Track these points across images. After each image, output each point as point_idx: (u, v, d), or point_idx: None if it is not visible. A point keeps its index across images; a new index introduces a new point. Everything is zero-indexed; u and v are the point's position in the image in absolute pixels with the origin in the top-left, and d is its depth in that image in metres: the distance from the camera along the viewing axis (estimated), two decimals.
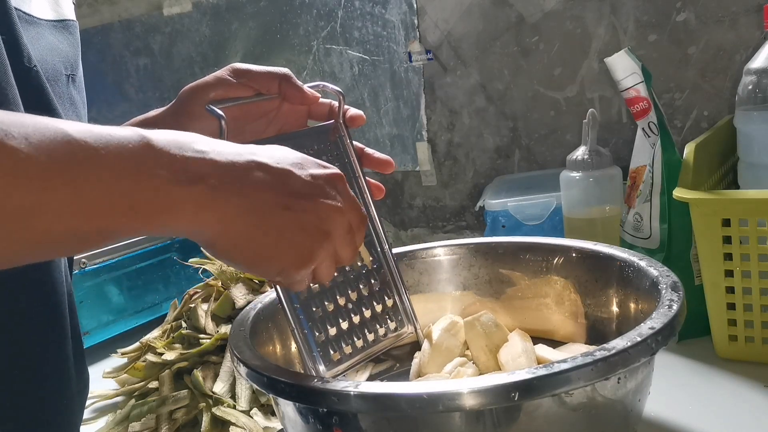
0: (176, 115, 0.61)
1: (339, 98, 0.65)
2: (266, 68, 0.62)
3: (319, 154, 0.63)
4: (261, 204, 0.44)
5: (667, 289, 0.55)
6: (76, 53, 0.58)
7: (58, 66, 0.54)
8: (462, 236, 1.35)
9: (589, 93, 1.20)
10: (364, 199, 0.65)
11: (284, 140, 0.62)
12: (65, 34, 0.57)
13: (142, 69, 1.64)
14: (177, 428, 0.75)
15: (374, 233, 0.66)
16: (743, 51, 1.07)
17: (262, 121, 0.65)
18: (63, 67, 0.55)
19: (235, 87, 0.61)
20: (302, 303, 0.58)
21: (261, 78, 0.61)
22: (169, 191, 0.40)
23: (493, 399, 0.43)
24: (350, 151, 0.65)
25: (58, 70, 0.54)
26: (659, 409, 0.66)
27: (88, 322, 1.01)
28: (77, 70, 0.58)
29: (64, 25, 0.57)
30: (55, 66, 0.54)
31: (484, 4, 1.24)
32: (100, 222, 0.37)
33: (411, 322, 0.67)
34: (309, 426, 0.51)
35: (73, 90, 0.57)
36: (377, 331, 0.64)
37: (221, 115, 0.57)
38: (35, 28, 0.53)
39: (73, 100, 0.56)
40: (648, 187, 0.81)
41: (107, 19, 1.65)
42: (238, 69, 0.61)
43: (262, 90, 0.62)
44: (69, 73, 0.56)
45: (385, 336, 0.65)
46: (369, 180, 0.67)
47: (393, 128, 1.36)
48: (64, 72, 0.55)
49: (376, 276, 0.65)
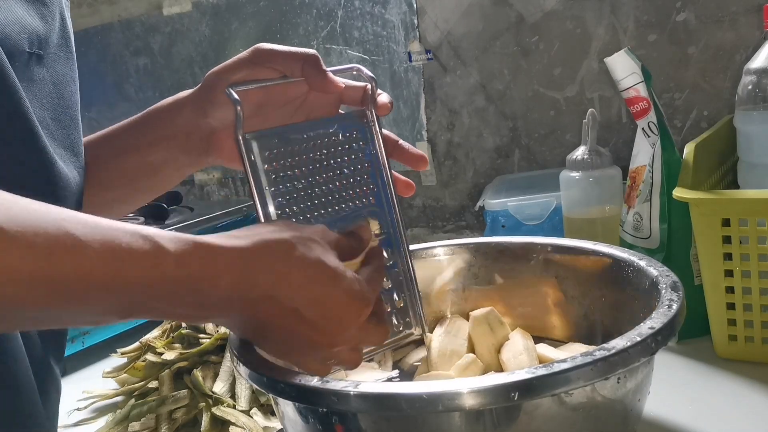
0: (200, 102, 0.59)
1: (371, 84, 0.62)
2: (292, 49, 0.59)
3: (344, 143, 0.61)
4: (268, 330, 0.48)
5: (666, 288, 0.55)
6: (50, 26, 0.53)
7: (20, 42, 0.49)
8: (462, 236, 1.35)
9: (589, 93, 1.20)
10: (387, 193, 0.63)
11: (309, 127, 0.60)
12: (38, 6, 0.52)
13: (141, 69, 1.64)
14: (177, 428, 0.75)
15: (392, 230, 0.63)
16: (743, 51, 1.07)
17: (288, 107, 0.62)
18: (27, 43, 0.50)
19: (259, 69, 0.58)
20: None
21: (285, 59, 0.58)
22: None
23: (492, 399, 0.43)
24: (378, 141, 0.63)
25: (20, 46, 0.49)
26: (659, 409, 0.66)
27: None
28: (47, 47, 0.53)
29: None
30: (16, 42, 0.49)
31: (484, 4, 1.24)
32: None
33: (419, 325, 0.65)
34: (309, 426, 0.50)
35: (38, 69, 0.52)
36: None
37: (237, 99, 0.55)
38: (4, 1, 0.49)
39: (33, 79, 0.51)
40: (648, 186, 0.81)
41: (107, 19, 1.65)
42: (261, 49, 0.58)
43: (286, 72, 0.59)
44: (34, 50, 0.51)
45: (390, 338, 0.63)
46: (398, 176, 0.64)
47: (393, 128, 1.36)
48: (27, 49, 0.50)
49: (389, 275, 0.63)
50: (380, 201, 0.62)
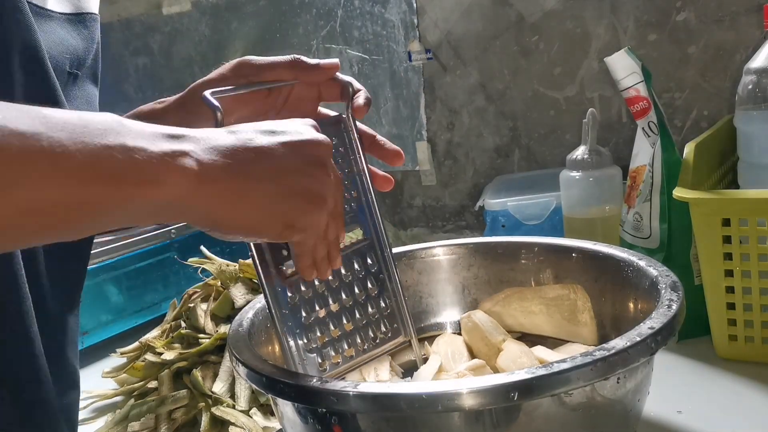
0: (182, 112, 0.60)
1: (349, 89, 0.61)
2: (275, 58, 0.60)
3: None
4: (249, 174, 0.43)
5: (666, 288, 0.55)
6: (88, 48, 0.56)
7: (62, 62, 0.53)
8: (462, 236, 1.35)
9: (589, 92, 1.20)
10: (368, 199, 0.63)
11: None
12: (79, 27, 0.55)
13: (141, 68, 1.64)
14: (176, 428, 0.75)
15: (375, 235, 0.63)
16: (743, 51, 1.07)
17: (270, 112, 0.63)
18: (68, 63, 0.53)
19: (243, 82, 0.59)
20: (291, 308, 0.56)
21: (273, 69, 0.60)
22: (150, 161, 0.39)
23: (492, 399, 0.43)
24: (357, 148, 0.63)
25: (62, 66, 0.53)
26: (659, 409, 0.66)
27: (87, 322, 1.01)
28: (83, 67, 0.56)
29: (80, 18, 0.56)
30: (59, 62, 0.52)
31: (484, 4, 1.24)
32: (80, 192, 0.37)
33: (407, 332, 0.64)
34: (308, 426, 0.50)
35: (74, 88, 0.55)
36: (369, 339, 0.62)
37: (217, 106, 0.54)
38: (48, 22, 0.52)
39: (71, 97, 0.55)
40: (648, 186, 0.81)
41: (106, 19, 1.65)
42: (248, 64, 0.59)
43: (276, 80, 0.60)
44: (73, 70, 0.54)
45: (378, 345, 0.62)
46: (376, 171, 0.64)
47: (393, 128, 1.36)
48: (68, 69, 0.53)
49: (375, 281, 0.62)
50: (362, 207, 0.62)
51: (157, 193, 0.39)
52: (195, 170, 0.41)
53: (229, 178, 0.42)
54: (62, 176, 0.36)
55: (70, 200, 0.37)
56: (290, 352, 0.56)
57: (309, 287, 0.58)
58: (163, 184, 0.39)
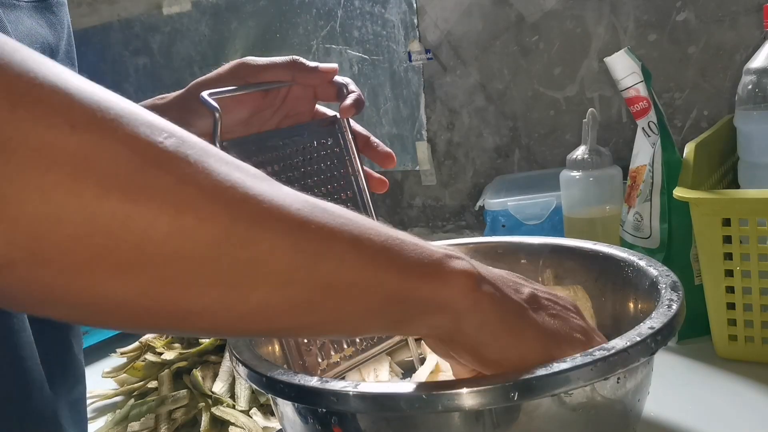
0: (182, 109, 0.60)
1: (343, 91, 0.62)
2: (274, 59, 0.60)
3: (319, 150, 0.62)
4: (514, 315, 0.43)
5: (666, 288, 0.55)
6: (59, 35, 0.55)
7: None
8: (462, 236, 1.35)
9: (589, 92, 1.20)
10: (363, 199, 0.63)
11: (286, 134, 0.60)
12: (47, 14, 0.54)
13: (141, 68, 1.64)
14: (176, 428, 0.75)
15: None
16: (743, 51, 1.07)
17: (266, 111, 0.63)
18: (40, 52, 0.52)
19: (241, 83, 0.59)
20: None
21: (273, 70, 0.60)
22: (433, 255, 0.39)
23: (492, 399, 0.43)
24: (351, 148, 0.62)
25: None
26: (659, 409, 0.66)
27: None
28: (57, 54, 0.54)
29: (46, 5, 0.54)
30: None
31: (484, 4, 1.24)
32: (374, 276, 0.37)
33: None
34: (308, 426, 0.50)
35: None
36: (368, 338, 0.62)
37: (215, 107, 0.54)
38: (14, 12, 0.50)
39: None
40: (648, 186, 0.81)
41: (106, 19, 1.65)
42: (247, 65, 0.59)
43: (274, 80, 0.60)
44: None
45: (376, 344, 0.62)
46: (372, 173, 0.64)
47: (392, 128, 1.36)
48: None
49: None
50: (358, 207, 0.62)
51: (440, 289, 0.39)
52: (474, 273, 0.41)
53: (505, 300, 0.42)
54: (364, 258, 0.36)
55: (365, 283, 0.36)
56: (290, 352, 0.56)
57: None
58: (446, 280, 0.39)
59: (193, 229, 0.29)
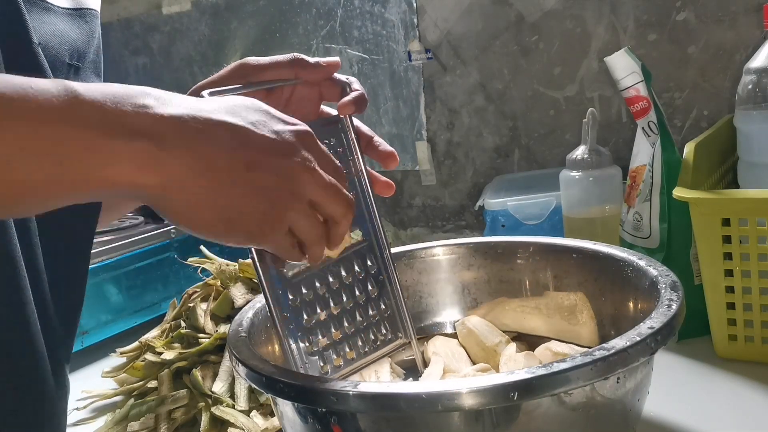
0: None
1: (346, 90, 0.61)
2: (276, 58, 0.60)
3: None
4: (216, 164, 0.41)
5: (666, 288, 0.55)
6: (88, 42, 0.56)
7: (61, 53, 0.52)
8: (461, 236, 1.35)
9: (589, 92, 1.20)
10: (367, 200, 0.62)
11: None
12: (79, 22, 0.55)
13: (141, 68, 1.64)
14: (176, 428, 0.75)
15: (374, 236, 0.62)
16: (743, 50, 1.07)
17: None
18: (68, 55, 0.53)
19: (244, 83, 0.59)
20: (293, 311, 0.56)
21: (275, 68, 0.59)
22: (101, 145, 0.38)
23: (492, 399, 0.43)
24: (354, 149, 0.62)
25: (61, 57, 0.52)
26: (659, 409, 0.66)
27: (87, 322, 1.01)
28: (85, 60, 0.56)
29: (80, 13, 0.56)
30: (58, 53, 0.52)
31: (483, 4, 1.24)
32: (32, 176, 0.36)
33: (407, 333, 0.64)
34: (308, 426, 0.50)
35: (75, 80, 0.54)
36: (370, 341, 0.61)
37: None
38: (48, 14, 0.52)
39: None
40: (648, 186, 0.81)
41: (106, 18, 1.65)
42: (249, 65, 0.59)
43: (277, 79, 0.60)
44: (73, 62, 0.54)
45: (379, 348, 0.62)
46: (377, 176, 0.64)
47: (392, 127, 1.36)
48: (68, 60, 0.53)
49: (374, 283, 0.62)
50: (360, 208, 0.62)
51: (112, 179, 0.38)
52: (155, 165, 0.40)
53: (197, 175, 0.41)
54: (7, 161, 0.36)
55: (24, 184, 0.36)
56: (292, 355, 0.56)
57: (310, 289, 0.58)
58: (119, 171, 0.38)
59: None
